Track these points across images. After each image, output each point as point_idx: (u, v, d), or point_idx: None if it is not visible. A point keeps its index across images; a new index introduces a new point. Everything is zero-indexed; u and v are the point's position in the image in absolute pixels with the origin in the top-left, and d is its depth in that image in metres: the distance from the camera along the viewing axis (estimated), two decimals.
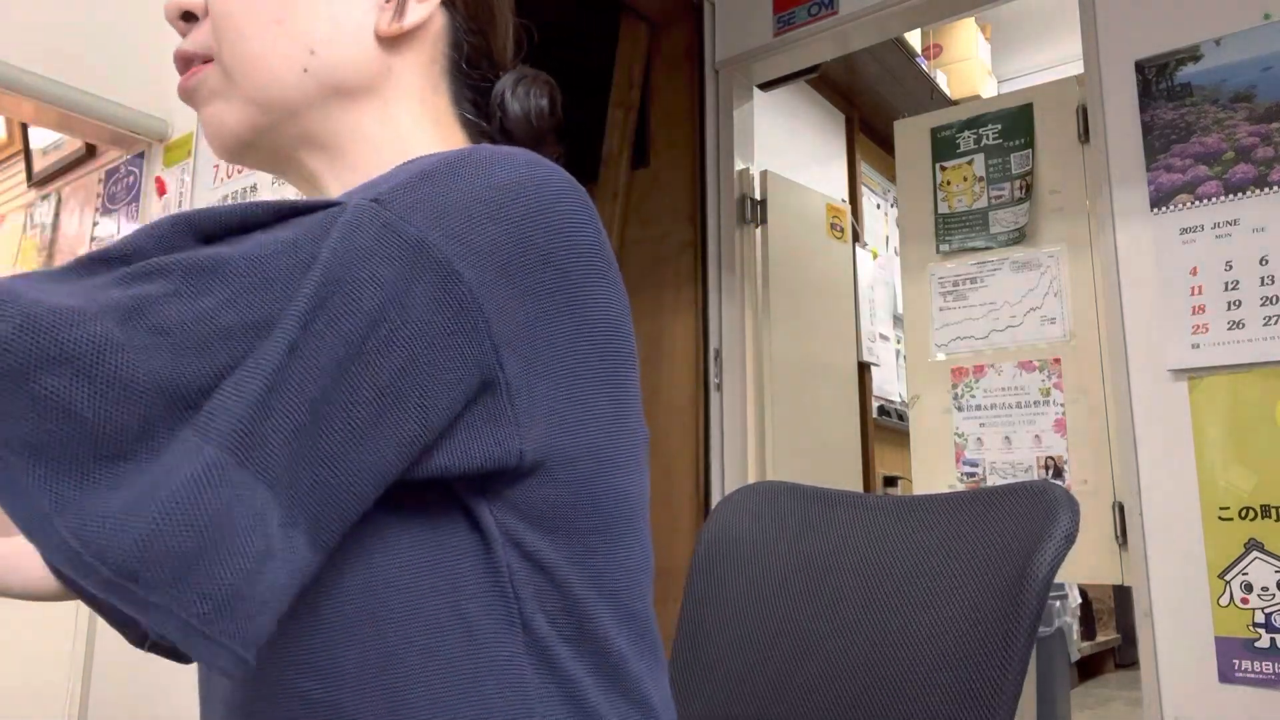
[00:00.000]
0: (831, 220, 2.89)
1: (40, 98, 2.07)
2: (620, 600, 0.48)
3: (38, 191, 2.79)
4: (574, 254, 0.44)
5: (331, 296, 0.35)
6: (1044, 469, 2.00)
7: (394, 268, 0.37)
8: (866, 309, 3.18)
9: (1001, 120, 2.17)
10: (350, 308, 0.35)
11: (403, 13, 0.54)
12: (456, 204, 0.40)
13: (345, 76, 0.53)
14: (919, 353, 2.20)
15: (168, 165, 2.23)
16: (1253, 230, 1.59)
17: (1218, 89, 1.65)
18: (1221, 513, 1.55)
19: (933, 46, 3.86)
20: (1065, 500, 0.64)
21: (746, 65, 2.53)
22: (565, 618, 0.46)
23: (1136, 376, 1.67)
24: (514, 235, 0.41)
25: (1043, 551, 0.61)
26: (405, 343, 0.37)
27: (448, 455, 0.41)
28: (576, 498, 0.46)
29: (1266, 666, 1.48)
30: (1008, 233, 2.11)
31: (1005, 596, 0.63)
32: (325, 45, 0.52)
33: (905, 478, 3.25)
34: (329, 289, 0.35)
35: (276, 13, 0.51)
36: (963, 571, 0.67)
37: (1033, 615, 0.61)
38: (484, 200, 0.41)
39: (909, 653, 0.67)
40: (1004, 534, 0.67)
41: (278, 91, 0.52)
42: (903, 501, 0.79)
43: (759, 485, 0.89)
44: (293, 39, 0.51)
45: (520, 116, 0.57)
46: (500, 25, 0.60)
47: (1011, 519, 0.67)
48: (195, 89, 0.53)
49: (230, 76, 0.52)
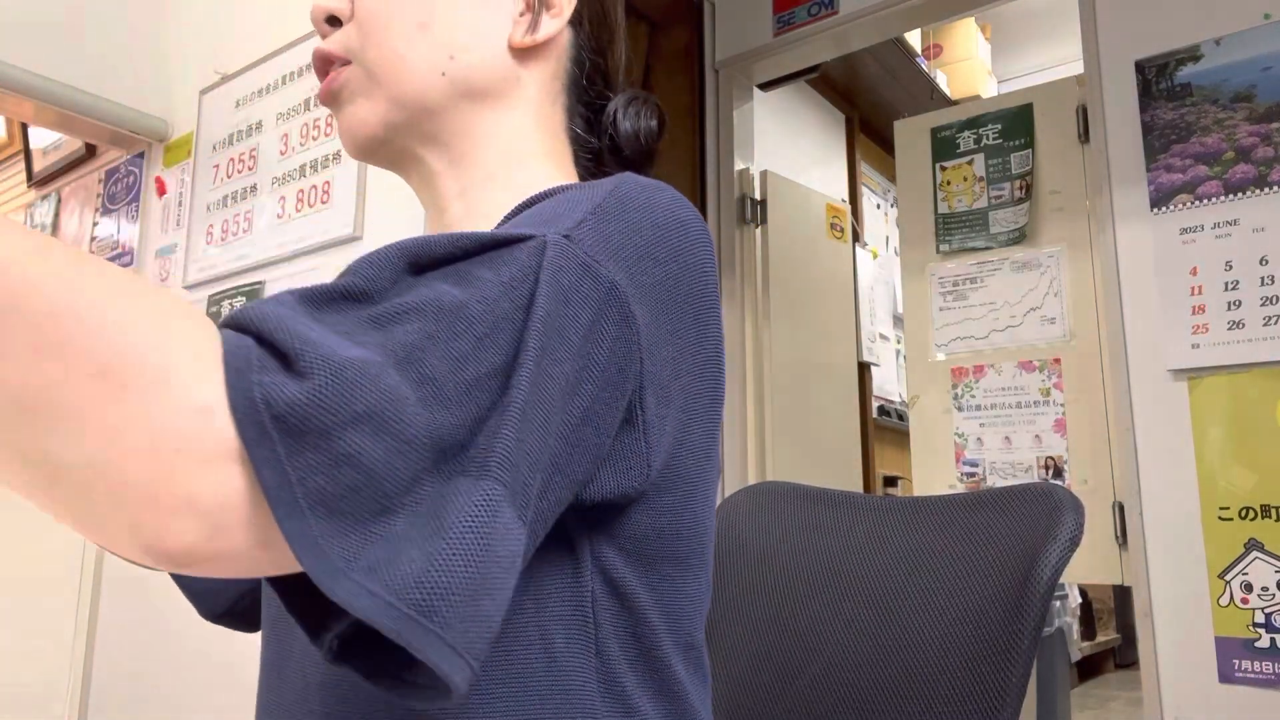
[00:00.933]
0: (831, 220, 2.89)
1: (40, 98, 2.07)
2: (683, 629, 0.50)
3: (38, 191, 2.79)
4: (704, 293, 0.47)
5: (550, 338, 0.37)
6: (1044, 469, 2.00)
7: (591, 309, 0.39)
8: (866, 309, 3.18)
9: (1001, 120, 2.17)
10: (565, 350, 0.38)
11: (536, 26, 0.57)
12: (629, 244, 0.42)
13: (478, 82, 0.56)
14: (919, 353, 2.20)
15: (168, 165, 2.23)
16: (1253, 230, 1.59)
17: (1218, 89, 1.65)
18: (1221, 513, 1.55)
19: (933, 46, 3.86)
20: (1071, 502, 0.64)
21: (746, 65, 2.53)
22: (635, 645, 0.47)
23: (1136, 376, 1.68)
24: (669, 277, 0.44)
25: (1048, 553, 0.61)
26: (596, 379, 0.40)
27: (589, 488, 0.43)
28: (667, 527, 0.47)
29: (1266, 666, 1.48)
30: (1008, 233, 2.11)
31: (1010, 598, 0.63)
32: (463, 51, 0.55)
33: (905, 478, 3.25)
34: (548, 334, 0.37)
35: (422, 17, 0.54)
36: (967, 573, 0.67)
37: (1037, 617, 0.61)
38: (649, 241, 0.43)
39: (913, 654, 0.67)
40: (1009, 536, 0.66)
41: (416, 92, 0.54)
42: (905, 503, 0.79)
43: (761, 486, 0.89)
44: (435, 44, 0.54)
45: (631, 135, 0.60)
46: (618, 46, 0.63)
47: (1017, 521, 0.67)
48: (339, 90, 0.55)
49: (373, 76, 0.54)
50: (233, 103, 2.07)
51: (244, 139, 2.02)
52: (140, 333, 0.29)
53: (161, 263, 2.19)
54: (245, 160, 2.01)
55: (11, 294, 0.28)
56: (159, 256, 2.20)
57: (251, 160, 1.99)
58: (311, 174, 1.85)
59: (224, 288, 1.99)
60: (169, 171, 2.23)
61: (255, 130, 2.00)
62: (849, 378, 2.91)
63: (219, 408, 0.29)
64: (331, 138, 1.82)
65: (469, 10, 0.56)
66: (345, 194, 1.77)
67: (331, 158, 1.82)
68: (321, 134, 1.85)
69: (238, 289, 1.95)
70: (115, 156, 2.42)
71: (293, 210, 1.87)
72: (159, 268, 2.19)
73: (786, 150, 3.10)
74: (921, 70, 3.54)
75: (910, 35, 3.43)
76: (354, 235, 1.73)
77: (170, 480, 0.28)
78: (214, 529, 0.29)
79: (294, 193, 1.88)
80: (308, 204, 1.84)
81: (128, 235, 2.32)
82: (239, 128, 2.04)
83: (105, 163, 2.47)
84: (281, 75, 1.96)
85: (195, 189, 2.12)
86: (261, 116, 1.99)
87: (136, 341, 0.29)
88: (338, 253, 1.77)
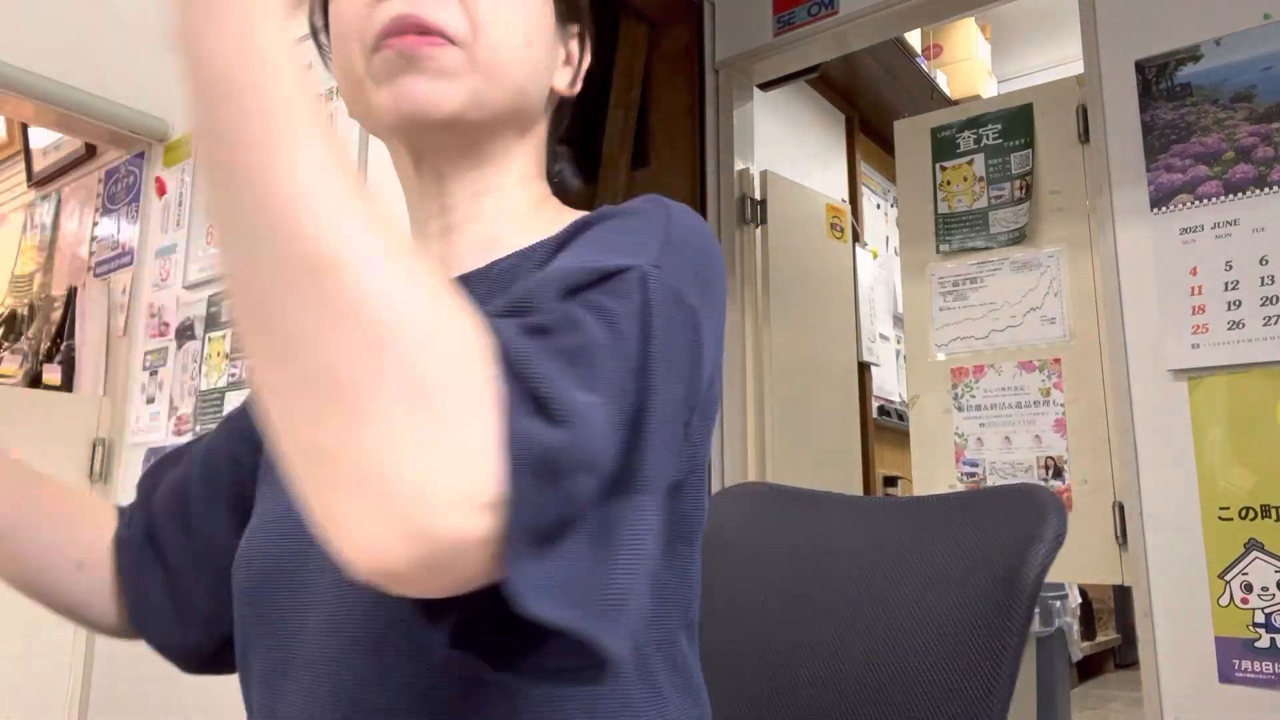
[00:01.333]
0: (831, 220, 2.89)
1: (40, 98, 2.07)
2: (688, 610, 0.54)
3: (38, 191, 2.79)
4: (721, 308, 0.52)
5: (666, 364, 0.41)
6: (1044, 469, 2.00)
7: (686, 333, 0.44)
8: (866, 309, 3.18)
9: (1001, 120, 2.17)
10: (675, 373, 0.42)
11: (575, 82, 0.66)
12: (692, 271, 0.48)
13: (528, 109, 0.61)
14: (919, 353, 2.20)
15: (168, 165, 2.23)
16: (1253, 230, 1.59)
17: (1218, 89, 1.65)
18: (1221, 513, 1.55)
19: (933, 46, 3.86)
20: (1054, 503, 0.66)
21: (746, 65, 2.53)
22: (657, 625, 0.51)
23: (1136, 376, 1.68)
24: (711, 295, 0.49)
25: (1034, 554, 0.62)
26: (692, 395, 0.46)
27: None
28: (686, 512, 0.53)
29: (1266, 666, 1.48)
30: (1008, 233, 2.11)
31: (997, 598, 0.63)
32: (532, 81, 0.60)
33: (905, 478, 3.25)
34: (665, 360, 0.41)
35: (530, 38, 0.59)
36: (953, 573, 0.68)
37: (1024, 616, 0.61)
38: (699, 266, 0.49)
39: (900, 654, 0.68)
40: (993, 537, 0.67)
41: (504, 100, 0.58)
42: (889, 504, 0.80)
43: (743, 486, 0.89)
44: (527, 63, 0.59)
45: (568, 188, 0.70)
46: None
47: (1000, 522, 0.68)
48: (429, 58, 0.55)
49: (476, 68, 0.56)
50: None
51: None
52: (453, 359, 0.32)
53: (161, 263, 2.19)
54: None
55: (354, 298, 0.30)
56: (159, 256, 2.20)
57: None
58: None
59: (224, 288, 1.99)
60: (169, 171, 2.23)
61: None
62: (849, 378, 2.91)
63: (493, 446, 0.31)
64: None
65: (547, 47, 0.61)
66: None
67: None
68: None
69: None
70: (115, 156, 2.42)
71: None
72: (159, 268, 2.19)
73: (786, 150, 3.10)
74: (921, 70, 3.54)
75: (910, 35, 3.43)
76: None
77: (434, 502, 0.30)
78: (448, 554, 0.31)
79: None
80: None
81: (128, 235, 2.32)
82: None
83: (105, 163, 2.47)
84: None
85: (195, 189, 2.12)
86: None
87: (448, 368, 0.31)
88: None
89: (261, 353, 0.32)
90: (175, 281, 2.14)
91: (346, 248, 0.31)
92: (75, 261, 2.53)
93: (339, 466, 0.30)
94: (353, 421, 0.30)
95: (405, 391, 0.30)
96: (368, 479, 0.30)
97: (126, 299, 2.25)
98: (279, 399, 0.32)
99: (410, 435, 0.30)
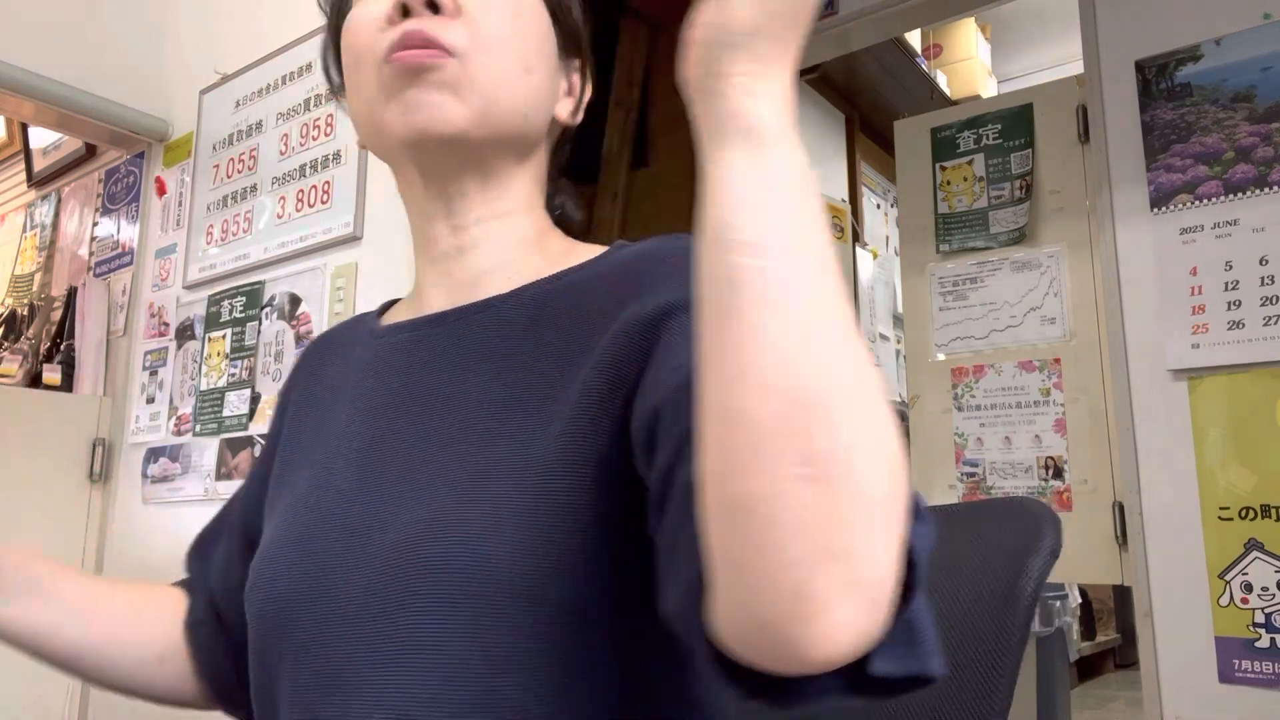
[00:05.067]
0: (832, 220, 2.89)
1: (40, 98, 2.07)
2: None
3: (38, 191, 2.79)
4: None
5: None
6: (1044, 469, 2.00)
7: None
8: (866, 309, 3.18)
9: (1001, 120, 2.17)
10: None
11: (576, 113, 0.68)
12: None
13: (529, 134, 0.63)
14: (919, 353, 2.20)
15: (167, 165, 2.23)
16: (1253, 230, 1.59)
17: (1218, 89, 1.65)
18: (1221, 513, 1.55)
19: (933, 46, 3.86)
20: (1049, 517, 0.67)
21: None
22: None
23: (1136, 376, 1.67)
24: None
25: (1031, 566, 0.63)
26: None
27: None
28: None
29: (1266, 666, 1.48)
30: (1008, 233, 2.11)
31: (994, 609, 0.64)
32: (534, 106, 0.62)
33: None
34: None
35: (531, 63, 0.61)
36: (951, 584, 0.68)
37: (1023, 626, 0.62)
38: None
39: None
40: (989, 550, 0.67)
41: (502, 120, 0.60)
42: None
43: None
44: (528, 88, 0.61)
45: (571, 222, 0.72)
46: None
47: (997, 534, 0.68)
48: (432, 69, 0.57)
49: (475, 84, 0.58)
50: (233, 103, 2.07)
51: (244, 139, 2.02)
52: (888, 454, 0.33)
53: (161, 263, 2.19)
54: (245, 160, 2.01)
55: (813, 374, 0.33)
56: (159, 257, 2.20)
57: (251, 160, 1.99)
58: (311, 174, 1.85)
59: (224, 288, 1.99)
60: (169, 171, 2.23)
61: (255, 130, 2.00)
62: None
63: (898, 547, 0.33)
64: (331, 138, 1.82)
65: (548, 77, 0.63)
66: (345, 194, 1.76)
67: (331, 158, 1.82)
68: (321, 134, 1.85)
69: (238, 289, 1.95)
70: (115, 156, 2.42)
71: (293, 210, 1.87)
72: (159, 268, 2.19)
73: None
74: (921, 70, 3.54)
75: (910, 35, 3.43)
76: (354, 235, 1.73)
77: (887, 590, 0.33)
78: (823, 648, 0.32)
79: (294, 193, 1.88)
80: (307, 204, 1.84)
81: (128, 235, 2.32)
82: (239, 128, 2.04)
83: (105, 163, 2.47)
84: (282, 75, 1.96)
85: (195, 189, 2.12)
86: (261, 117, 1.99)
87: (885, 461, 0.33)
88: (338, 253, 1.77)
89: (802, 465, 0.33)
90: (175, 281, 2.14)
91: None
92: (75, 261, 2.53)
93: (852, 563, 0.32)
94: (878, 529, 0.32)
95: (904, 500, 0.34)
96: (876, 575, 0.32)
97: (126, 299, 2.25)
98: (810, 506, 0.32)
99: (895, 535, 0.33)
